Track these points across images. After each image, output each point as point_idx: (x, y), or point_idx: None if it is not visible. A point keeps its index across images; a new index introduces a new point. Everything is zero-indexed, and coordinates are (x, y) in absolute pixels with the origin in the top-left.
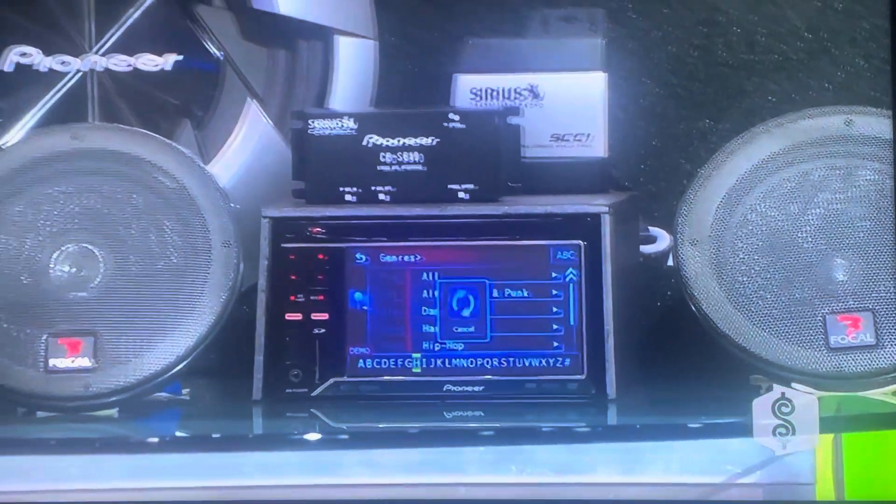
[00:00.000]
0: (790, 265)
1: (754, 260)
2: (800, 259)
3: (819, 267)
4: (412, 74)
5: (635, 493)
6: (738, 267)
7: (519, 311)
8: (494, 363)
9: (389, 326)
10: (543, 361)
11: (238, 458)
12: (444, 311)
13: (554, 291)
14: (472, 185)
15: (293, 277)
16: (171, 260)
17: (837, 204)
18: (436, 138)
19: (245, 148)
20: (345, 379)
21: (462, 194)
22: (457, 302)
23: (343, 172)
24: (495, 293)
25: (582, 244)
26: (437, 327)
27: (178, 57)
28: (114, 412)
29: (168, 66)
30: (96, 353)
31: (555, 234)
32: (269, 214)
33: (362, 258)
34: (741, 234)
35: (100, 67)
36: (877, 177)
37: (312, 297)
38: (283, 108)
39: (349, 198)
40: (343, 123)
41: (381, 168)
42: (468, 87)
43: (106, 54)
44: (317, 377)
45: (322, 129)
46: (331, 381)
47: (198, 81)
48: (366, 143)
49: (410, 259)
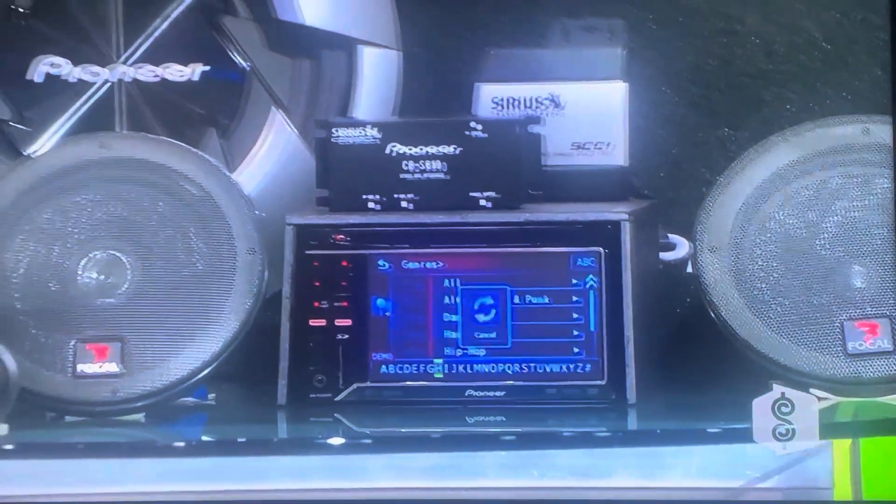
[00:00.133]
0: (808, 272)
1: (773, 267)
2: (818, 266)
3: (837, 274)
4: (435, 84)
5: (655, 497)
6: (756, 273)
7: (540, 318)
8: (515, 369)
9: (412, 332)
10: (564, 367)
11: (263, 461)
12: (466, 318)
13: (574, 298)
14: (494, 193)
15: (317, 284)
16: (197, 267)
17: (855, 212)
18: (458, 147)
19: (270, 156)
20: (368, 384)
21: (484, 202)
22: (478, 308)
23: (366, 180)
24: (516, 299)
25: (602, 251)
26: (459, 333)
27: (205, 67)
28: (141, 417)
29: (195, 76)
30: (123, 358)
31: (575, 242)
32: (294, 222)
33: (385, 265)
34: (760, 241)
35: (128, 78)
36: (894, 185)
37: (336, 304)
38: (308, 118)
39: (372, 205)
40: (366, 132)
41: (404, 176)
42: (490, 97)
43: (134, 65)
44: (340, 382)
45: (346, 137)
46: (354, 387)
47: (224, 91)
48: (389, 152)
49: (433, 266)
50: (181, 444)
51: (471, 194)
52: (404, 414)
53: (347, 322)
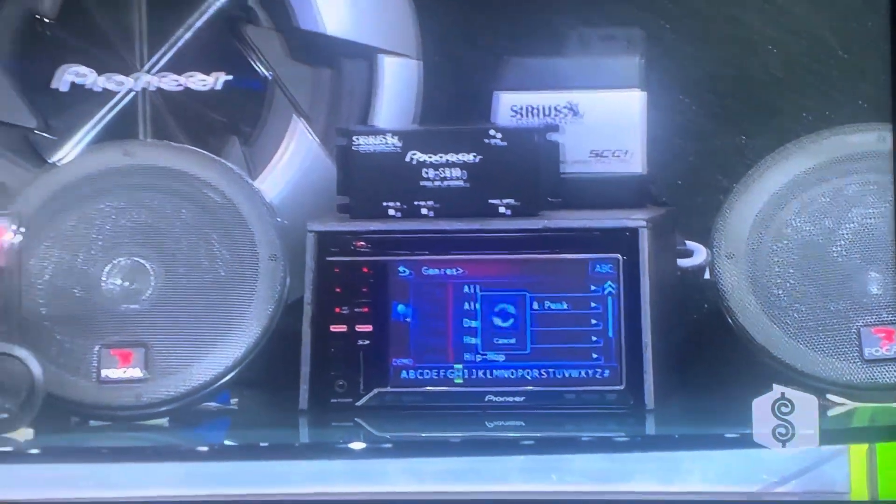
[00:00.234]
0: (825, 278)
1: (789, 273)
2: (834, 272)
3: (853, 280)
4: (454, 93)
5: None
6: (773, 280)
7: (558, 323)
8: (535, 374)
9: (432, 338)
10: (583, 372)
11: (285, 466)
12: (486, 323)
13: (593, 304)
14: (513, 200)
15: (338, 290)
16: (220, 273)
17: (871, 219)
18: (477, 155)
19: (291, 164)
20: (388, 389)
21: (503, 209)
22: (498, 314)
23: (387, 188)
24: (535, 305)
25: (620, 258)
26: (479, 339)
27: (228, 76)
28: (164, 421)
29: (218, 85)
30: (147, 363)
31: (594, 248)
32: (315, 229)
33: (405, 271)
34: (776, 248)
35: (151, 86)
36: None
37: (357, 310)
38: (329, 126)
39: (393, 213)
40: (387, 140)
41: (424, 184)
42: (509, 105)
43: (157, 74)
44: (361, 387)
45: (366, 145)
46: (374, 392)
47: (246, 100)
48: (409, 160)
49: (452, 272)
50: (204, 448)
51: (490, 201)
52: (424, 419)
53: (368, 328)
